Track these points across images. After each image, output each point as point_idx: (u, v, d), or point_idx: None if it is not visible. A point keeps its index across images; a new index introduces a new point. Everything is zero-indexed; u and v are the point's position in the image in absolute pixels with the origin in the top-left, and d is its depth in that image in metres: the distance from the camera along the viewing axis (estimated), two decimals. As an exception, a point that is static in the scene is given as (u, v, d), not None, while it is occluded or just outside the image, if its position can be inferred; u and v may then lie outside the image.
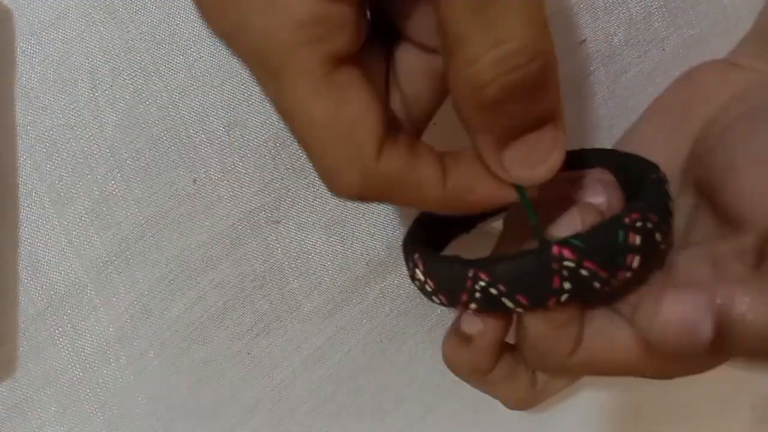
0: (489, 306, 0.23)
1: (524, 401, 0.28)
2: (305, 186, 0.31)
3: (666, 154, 0.27)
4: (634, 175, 0.25)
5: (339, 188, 0.21)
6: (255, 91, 0.30)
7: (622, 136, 0.30)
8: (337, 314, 0.32)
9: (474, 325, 0.25)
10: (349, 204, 0.31)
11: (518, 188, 0.22)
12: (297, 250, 0.31)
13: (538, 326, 0.24)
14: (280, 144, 0.30)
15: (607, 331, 0.24)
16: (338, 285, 0.32)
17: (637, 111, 0.30)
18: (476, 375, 0.27)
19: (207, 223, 0.30)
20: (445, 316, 0.34)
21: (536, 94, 0.19)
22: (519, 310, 0.23)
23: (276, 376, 0.32)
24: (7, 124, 0.28)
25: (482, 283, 0.22)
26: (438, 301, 0.24)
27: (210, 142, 0.30)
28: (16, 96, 0.28)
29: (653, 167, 0.25)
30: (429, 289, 0.24)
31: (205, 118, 0.29)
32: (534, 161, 0.21)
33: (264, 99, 0.29)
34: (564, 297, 0.22)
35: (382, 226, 0.32)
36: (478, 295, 0.23)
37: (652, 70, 0.30)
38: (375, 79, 0.22)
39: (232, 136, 0.30)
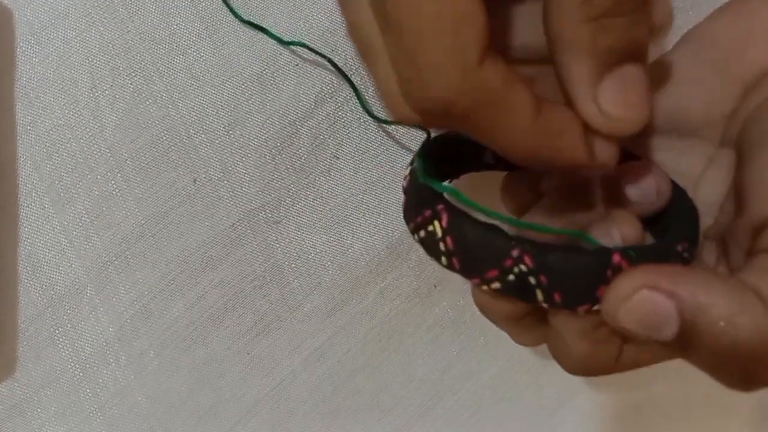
0: (514, 292, 0.21)
1: (586, 359, 0.25)
2: (305, 186, 0.31)
3: (711, 98, 0.24)
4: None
5: (434, 89, 0.19)
6: (255, 91, 0.30)
7: (653, 61, 0.26)
8: (337, 314, 0.32)
9: None
10: (349, 204, 0.31)
11: None
12: (297, 250, 0.31)
13: (587, 347, 0.23)
14: (280, 144, 0.30)
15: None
16: (338, 285, 0.32)
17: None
18: (514, 320, 0.24)
19: (207, 223, 0.30)
20: (445, 316, 0.34)
21: (639, 9, 0.19)
22: (544, 305, 0.21)
23: (276, 376, 0.32)
24: (7, 124, 0.28)
25: (524, 268, 0.20)
26: (444, 263, 0.22)
27: (210, 142, 0.30)
28: (16, 96, 0.28)
29: (682, 192, 0.24)
30: (442, 248, 0.21)
31: (205, 118, 0.29)
32: (629, 102, 0.20)
33: (264, 99, 0.29)
34: (596, 306, 0.20)
35: (382, 226, 0.32)
36: (511, 277, 0.20)
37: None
38: None
39: (232, 136, 0.30)
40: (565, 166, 0.21)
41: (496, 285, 0.21)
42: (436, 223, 0.22)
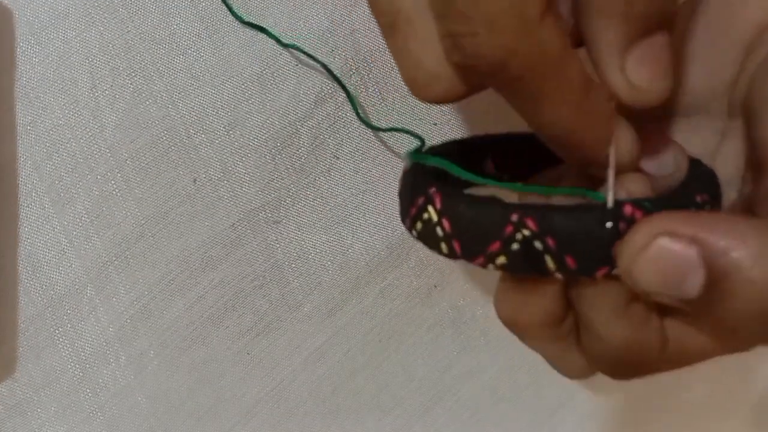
0: (522, 264, 0.19)
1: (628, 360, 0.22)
2: (305, 186, 0.31)
3: (711, 69, 0.23)
4: None
5: (489, 45, 0.17)
6: (255, 91, 0.30)
7: None
8: (337, 314, 0.32)
9: None
10: (349, 204, 0.31)
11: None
12: (297, 250, 0.31)
13: (622, 331, 0.20)
14: (280, 144, 0.30)
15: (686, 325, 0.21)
16: (338, 285, 0.32)
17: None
18: (552, 327, 0.22)
19: (207, 223, 0.30)
20: (444, 316, 0.34)
21: None
22: (558, 275, 0.19)
23: (276, 376, 0.32)
24: (7, 124, 0.28)
25: (526, 232, 0.18)
26: (445, 250, 0.20)
27: (210, 142, 0.30)
28: (16, 96, 0.28)
29: (697, 162, 0.22)
30: (439, 233, 0.20)
31: (205, 118, 0.29)
32: (656, 73, 0.19)
33: (264, 99, 0.30)
34: (614, 271, 0.19)
35: (382, 226, 0.32)
36: (515, 246, 0.19)
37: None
38: None
39: (232, 136, 0.30)
40: (589, 158, 0.20)
41: (501, 260, 0.19)
42: (430, 208, 0.20)
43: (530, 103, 0.19)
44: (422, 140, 0.25)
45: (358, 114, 0.30)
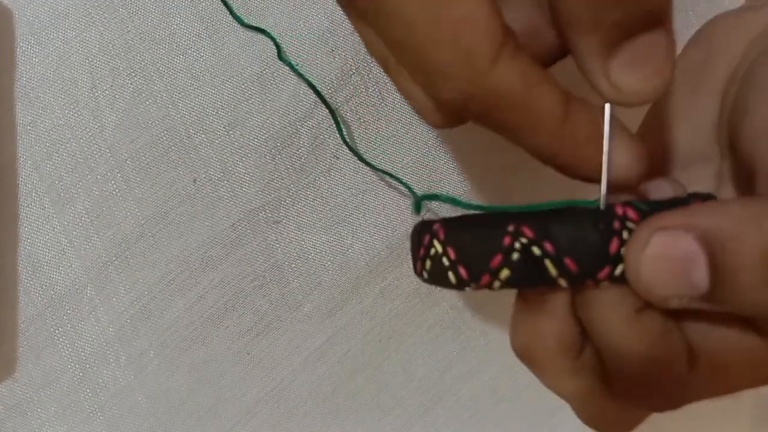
0: (525, 272, 0.19)
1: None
2: (305, 186, 0.31)
3: (695, 121, 0.23)
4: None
5: (446, 92, 0.18)
6: (255, 91, 0.30)
7: (641, 122, 0.26)
8: (337, 314, 0.32)
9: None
10: (349, 204, 0.31)
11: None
12: (297, 250, 0.31)
13: (639, 342, 0.19)
14: (280, 144, 0.30)
15: (717, 330, 0.20)
16: (338, 285, 0.32)
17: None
18: (568, 355, 0.21)
19: (207, 223, 0.30)
20: (444, 316, 0.34)
21: None
22: (562, 282, 0.19)
23: (276, 376, 0.32)
24: (7, 124, 0.28)
25: (524, 240, 0.19)
26: (453, 280, 0.20)
27: (210, 142, 0.30)
28: (16, 96, 0.28)
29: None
30: (446, 264, 0.21)
31: (205, 118, 0.29)
32: (647, 73, 0.19)
33: (264, 99, 0.30)
34: (619, 269, 0.19)
35: (382, 226, 0.32)
36: (515, 256, 0.19)
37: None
38: None
39: (232, 136, 0.30)
40: (582, 176, 0.20)
41: (505, 273, 0.19)
42: (435, 242, 0.21)
43: (507, 133, 0.19)
44: (410, 188, 0.27)
45: (343, 139, 0.30)
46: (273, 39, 0.29)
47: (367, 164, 0.30)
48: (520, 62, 0.19)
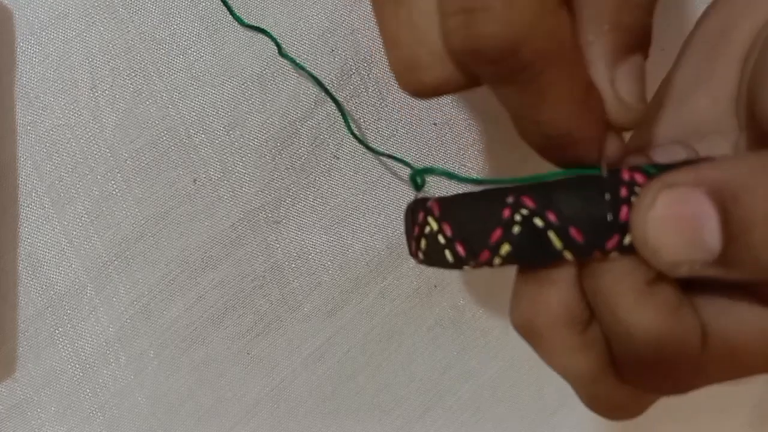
0: (528, 246, 0.18)
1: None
2: (305, 186, 0.31)
3: (714, 92, 0.22)
4: None
5: (505, 23, 0.16)
6: (255, 91, 0.30)
7: (657, 89, 0.25)
8: (337, 314, 0.32)
9: None
10: (349, 204, 0.31)
11: None
12: (297, 250, 0.31)
13: (650, 319, 0.18)
14: (280, 144, 0.30)
15: (733, 308, 0.19)
16: (338, 285, 0.32)
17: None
18: (573, 329, 0.19)
19: (207, 223, 0.30)
20: (445, 316, 0.34)
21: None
22: (567, 255, 0.18)
23: (276, 376, 0.32)
24: (7, 124, 0.28)
25: (525, 212, 0.18)
26: (451, 259, 0.19)
27: (210, 142, 0.30)
28: (16, 96, 0.28)
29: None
30: (442, 241, 0.19)
31: (205, 118, 0.29)
32: (638, 92, 0.19)
33: (264, 99, 0.30)
34: (629, 238, 0.18)
35: (382, 226, 0.32)
36: (516, 229, 0.18)
37: (652, 71, 0.30)
38: None
39: (232, 136, 0.30)
40: (580, 158, 0.19)
41: (505, 249, 0.18)
42: (430, 219, 0.20)
43: (533, 97, 0.17)
44: (410, 165, 0.26)
45: (350, 129, 0.30)
46: (273, 38, 0.29)
47: (374, 151, 0.30)
48: (566, 16, 0.17)
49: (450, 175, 0.21)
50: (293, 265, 0.31)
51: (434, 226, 0.19)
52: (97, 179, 0.29)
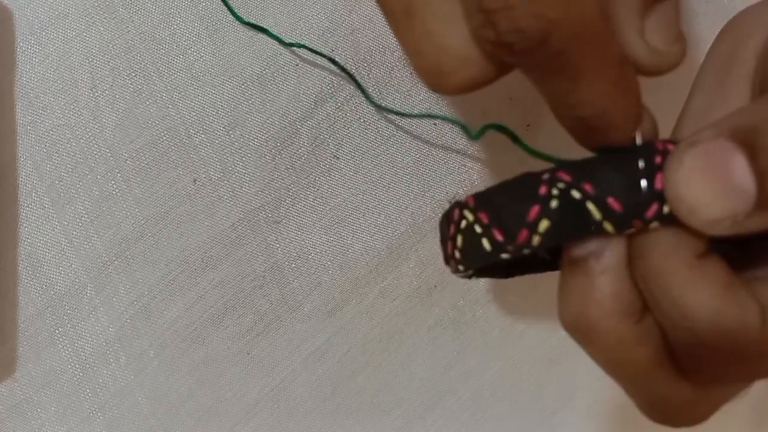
0: (567, 220, 0.18)
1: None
2: (305, 186, 0.31)
3: (726, 111, 0.21)
4: None
5: (528, 14, 0.16)
6: (255, 91, 0.30)
7: (675, 123, 0.24)
8: (337, 314, 0.32)
9: (591, 243, 0.18)
10: (349, 204, 0.31)
11: None
12: (297, 250, 0.31)
13: (706, 296, 0.17)
14: (280, 144, 0.30)
15: None
16: (338, 285, 0.32)
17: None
18: (627, 319, 0.19)
19: (207, 223, 0.30)
20: (445, 315, 0.34)
21: None
22: (607, 226, 0.18)
23: (276, 376, 0.32)
24: (7, 124, 0.28)
25: (561, 185, 0.18)
26: (489, 247, 0.19)
27: (210, 142, 0.30)
28: (16, 96, 0.28)
29: None
30: (479, 231, 0.19)
31: (205, 118, 0.29)
32: (671, 36, 0.19)
33: (264, 99, 0.30)
34: (666, 209, 0.17)
35: (382, 226, 0.32)
36: (554, 204, 0.18)
37: (656, 79, 0.30)
38: None
39: (232, 136, 0.30)
40: (615, 140, 0.19)
41: (544, 225, 0.18)
42: (466, 212, 0.19)
43: (565, 81, 0.17)
44: (464, 125, 0.25)
45: (369, 99, 0.29)
46: (274, 36, 0.29)
47: (404, 115, 0.30)
48: None
49: (513, 137, 0.20)
50: (293, 265, 0.31)
51: (470, 217, 0.19)
52: (97, 179, 0.29)
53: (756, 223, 0.17)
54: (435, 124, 0.32)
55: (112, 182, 0.29)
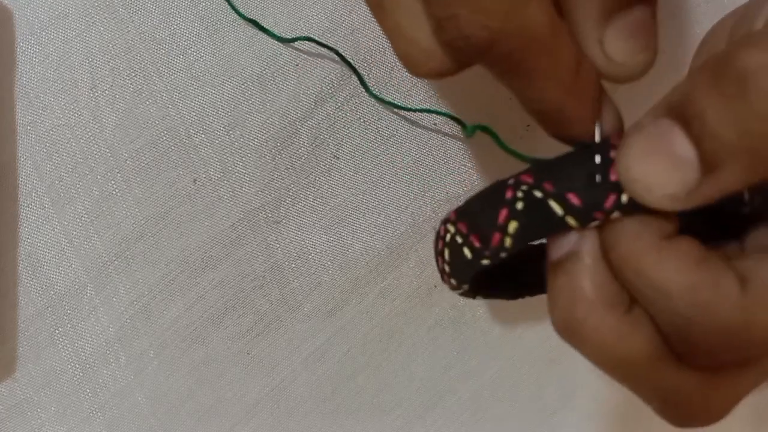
0: (533, 220, 0.19)
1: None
2: (305, 186, 0.31)
3: None
4: None
5: (475, 27, 0.17)
6: (255, 91, 0.30)
7: None
8: (337, 314, 0.32)
9: (570, 238, 0.19)
10: (349, 204, 0.31)
11: None
12: (297, 250, 0.31)
13: (678, 272, 0.18)
14: (280, 144, 0.30)
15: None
16: (338, 285, 0.32)
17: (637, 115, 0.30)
18: (615, 309, 0.19)
19: (207, 223, 0.30)
20: (445, 316, 0.34)
21: None
22: (570, 221, 0.18)
23: (276, 376, 0.32)
24: (7, 124, 0.28)
25: (524, 187, 0.19)
26: (469, 255, 0.20)
27: (210, 142, 0.30)
28: (16, 96, 0.28)
29: None
30: (460, 241, 0.20)
31: (205, 118, 0.29)
32: (635, 46, 0.19)
33: (264, 99, 0.30)
34: (624, 199, 0.18)
35: (382, 226, 0.32)
36: (519, 205, 0.19)
37: (652, 73, 0.30)
38: None
39: (232, 136, 0.30)
40: (574, 135, 0.19)
41: (513, 226, 0.19)
42: (449, 226, 0.21)
43: (519, 80, 0.18)
44: (460, 121, 0.26)
45: (371, 92, 0.30)
46: (273, 35, 0.29)
47: (404, 109, 0.30)
48: (548, 5, 0.18)
49: (496, 138, 0.22)
50: (293, 265, 0.31)
51: (452, 229, 0.21)
52: (97, 179, 0.29)
53: (711, 189, 0.17)
54: (435, 124, 0.32)
55: (112, 182, 0.29)
